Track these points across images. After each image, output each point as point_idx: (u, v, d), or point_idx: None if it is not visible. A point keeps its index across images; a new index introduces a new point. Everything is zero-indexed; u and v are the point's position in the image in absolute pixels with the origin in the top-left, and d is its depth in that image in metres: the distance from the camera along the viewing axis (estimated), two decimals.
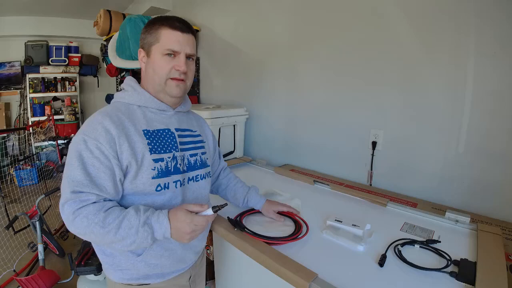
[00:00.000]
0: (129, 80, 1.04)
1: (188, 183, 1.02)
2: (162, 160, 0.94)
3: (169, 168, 0.95)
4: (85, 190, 0.82)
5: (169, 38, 0.94)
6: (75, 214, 0.80)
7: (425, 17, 1.53)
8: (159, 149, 0.95)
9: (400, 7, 1.60)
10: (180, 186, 0.99)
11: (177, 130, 1.04)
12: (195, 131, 1.13)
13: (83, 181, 0.82)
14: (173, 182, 0.96)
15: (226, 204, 0.92)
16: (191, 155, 1.06)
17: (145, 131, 0.95)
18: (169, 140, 0.99)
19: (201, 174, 1.08)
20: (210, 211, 0.90)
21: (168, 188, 0.95)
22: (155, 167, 0.92)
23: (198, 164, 1.08)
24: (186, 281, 1.09)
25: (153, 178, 0.91)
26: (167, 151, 0.97)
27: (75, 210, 0.80)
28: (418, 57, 1.57)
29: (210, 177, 1.16)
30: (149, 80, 1.00)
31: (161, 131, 0.99)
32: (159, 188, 0.93)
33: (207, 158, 1.14)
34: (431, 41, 1.52)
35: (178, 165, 0.99)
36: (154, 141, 0.95)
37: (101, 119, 0.89)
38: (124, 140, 0.88)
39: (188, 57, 0.98)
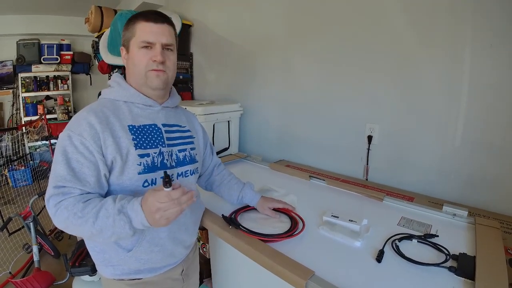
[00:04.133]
0: (115, 76, 1.04)
1: (177, 178, 1.02)
2: (148, 155, 0.94)
3: (156, 164, 0.95)
4: (67, 185, 0.82)
5: (143, 30, 0.94)
6: (57, 206, 0.80)
7: (421, 9, 1.50)
8: (144, 145, 0.94)
9: None
10: None
11: (164, 125, 1.03)
12: (184, 127, 1.12)
13: (66, 176, 0.82)
14: (160, 177, 0.95)
15: (165, 173, 0.77)
16: (180, 151, 1.05)
17: (130, 127, 0.94)
18: (155, 136, 0.98)
19: (190, 170, 1.08)
20: (168, 188, 0.78)
21: (155, 183, 0.94)
22: (141, 163, 0.91)
23: (187, 159, 1.08)
24: (179, 275, 1.10)
25: (139, 173, 0.91)
26: (153, 146, 0.96)
27: (57, 203, 0.80)
28: (414, 50, 1.55)
29: (198, 172, 1.16)
30: (131, 75, 1.00)
31: (147, 127, 0.98)
32: (146, 184, 0.93)
33: (196, 154, 1.13)
34: (427, 34, 1.50)
35: (165, 161, 0.98)
36: (140, 137, 0.94)
37: (86, 115, 0.89)
38: (108, 135, 0.88)
39: (166, 48, 0.97)
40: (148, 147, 0.95)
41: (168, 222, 0.80)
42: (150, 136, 0.97)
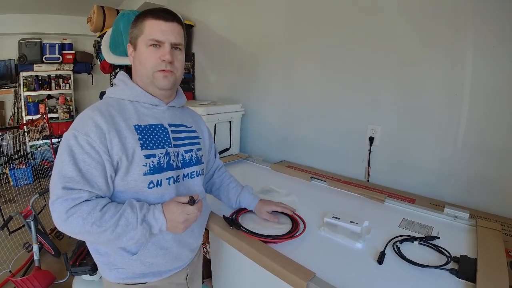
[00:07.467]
0: (120, 75, 1.01)
1: (183, 179, 1.01)
2: (154, 156, 0.92)
3: (162, 164, 0.93)
4: (76, 187, 0.79)
5: (152, 28, 0.92)
6: (68, 213, 0.77)
7: (422, 11, 1.50)
8: (150, 145, 0.92)
9: (396, 1, 1.58)
10: (174, 183, 0.96)
11: (170, 125, 1.01)
12: (190, 127, 1.11)
13: (74, 177, 0.79)
14: (166, 178, 0.94)
15: (192, 197, 0.92)
16: (186, 151, 1.04)
17: (136, 127, 0.92)
18: (161, 136, 0.96)
19: (196, 171, 1.06)
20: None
21: (160, 185, 0.93)
22: (146, 163, 0.90)
23: (194, 160, 1.06)
24: (183, 279, 1.08)
25: (144, 174, 0.89)
26: (160, 146, 0.94)
27: (68, 209, 0.77)
28: (415, 53, 1.55)
29: (203, 174, 1.14)
30: (138, 73, 0.98)
31: (153, 126, 0.96)
32: (151, 185, 0.91)
33: (202, 155, 1.11)
34: (429, 36, 1.50)
35: (171, 161, 0.96)
36: (146, 137, 0.92)
37: (92, 114, 0.87)
38: (114, 135, 0.86)
39: (174, 47, 0.95)
40: (154, 147, 0.93)
41: (185, 229, 0.91)
42: (157, 136, 0.95)
